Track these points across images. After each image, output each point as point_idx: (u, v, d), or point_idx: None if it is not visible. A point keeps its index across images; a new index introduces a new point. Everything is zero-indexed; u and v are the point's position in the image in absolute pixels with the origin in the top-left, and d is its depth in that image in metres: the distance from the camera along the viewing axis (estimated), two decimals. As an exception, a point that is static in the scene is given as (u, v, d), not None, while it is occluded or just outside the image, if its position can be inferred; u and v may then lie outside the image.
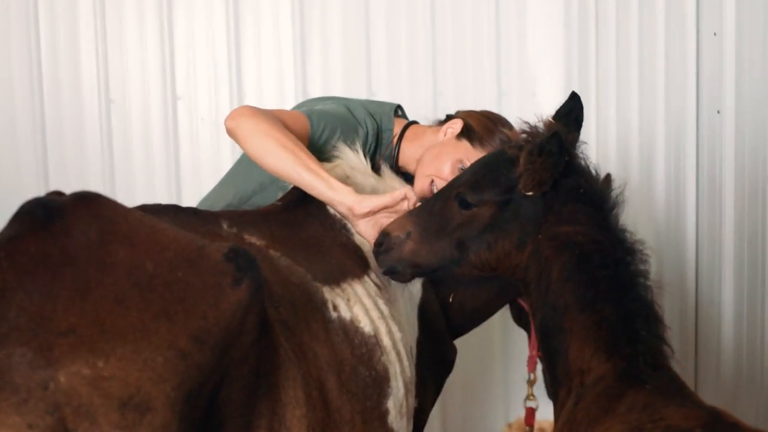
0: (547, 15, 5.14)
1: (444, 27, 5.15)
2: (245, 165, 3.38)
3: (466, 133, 3.20)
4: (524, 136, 2.63)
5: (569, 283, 2.49)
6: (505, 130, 3.18)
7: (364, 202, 2.72)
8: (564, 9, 5.08)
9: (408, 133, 3.33)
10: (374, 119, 3.27)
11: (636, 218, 3.06)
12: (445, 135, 3.24)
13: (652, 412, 2.15)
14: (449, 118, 3.33)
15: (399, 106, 3.45)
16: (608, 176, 2.69)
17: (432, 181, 3.15)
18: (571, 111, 2.74)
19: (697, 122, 4.02)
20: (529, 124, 2.63)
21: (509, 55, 5.18)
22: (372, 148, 3.24)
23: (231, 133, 2.82)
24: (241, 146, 2.83)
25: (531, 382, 3.57)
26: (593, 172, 2.62)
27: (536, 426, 5.29)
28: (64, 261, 1.74)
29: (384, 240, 2.74)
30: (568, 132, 2.63)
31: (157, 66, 5.09)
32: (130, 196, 5.02)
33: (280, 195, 3.04)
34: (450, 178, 3.06)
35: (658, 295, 2.54)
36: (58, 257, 1.74)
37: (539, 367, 3.61)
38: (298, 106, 3.30)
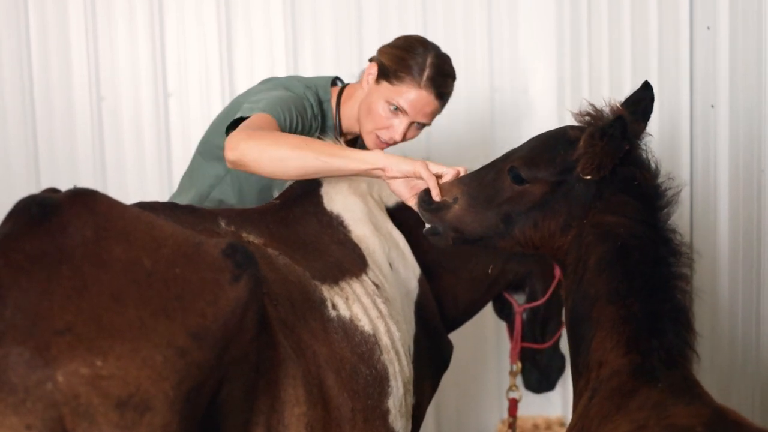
0: (539, 10, 5.14)
1: (435, 23, 5.15)
2: (197, 164, 3.37)
3: (382, 74, 3.19)
4: (588, 118, 2.56)
5: (605, 273, 2.45)
6: (421, 50, 3.18)
7: (394, 165, 2.69)
8: (556, 4, 5.08)
9: (343, 97, 3.33)
10: (313, 91, 3.27)
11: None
12: (367, 84, 3.23)
13: (660, 411, 2.12)
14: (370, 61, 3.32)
15: (337, 77, 3.45)
16: (667, 175, 2.61)
17: (377, 136, 3.18)
18: (641, 100, 2.69)
19: (690, 117, 4.00)
20: (594, 106, 2.56)
21: (501, 51, 5.18)
22: (319, 119, 3.25)
23: (238, 164, 2.73)
24: (256, 171, 2.75)
25: (514, 374, 3.59)
26: (653, 166, 2.57)
27: (530, 422, 5.33)
28: (61, 258, 1.72)
29: (430, 199, 2.73)
30: (635, 121, 2.57)
31: (148, 63, 5.07)
32: (121, 193, 4.98)
33: (276, 194, 3.03)
34: (386, 123, 3.14)
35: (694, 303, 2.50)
36: (54, 255, 1.72)
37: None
38: (236, 104, 3.26)
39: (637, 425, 2.11)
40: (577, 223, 2.54)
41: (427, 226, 2.76)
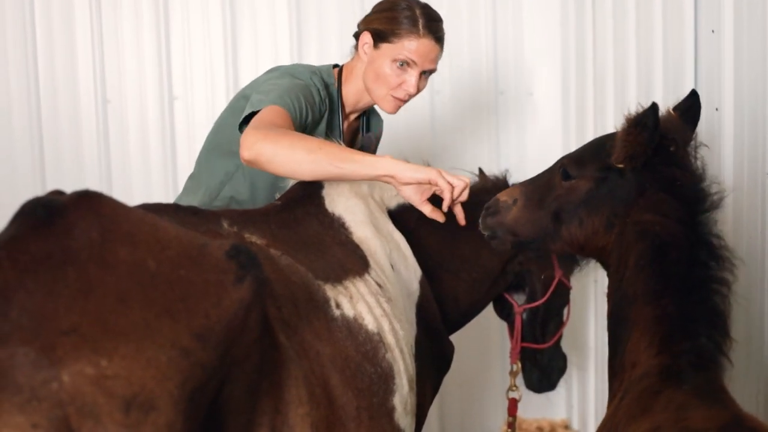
0: (544, 13, 5.14)
1: (440, 26, 5.15)
2: (205, 162, 3.39)
3: (379, 38, 3.25)
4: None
5: (643, 272, 2.45)
6: (405, 4, 3.23)
7: (407, 173, 2.74)
8: (561, 7, 5.09)
9: (343, 76, 3.41)
10: (318, 76, 3.33)
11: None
12: (365, 54, 3.29)
13: (680, 413, 2.11)
14: (356, 37, 3.38)
15: (337, 65, 3.50)
16: (712, 180, 2.61)
17: (393, 97, 3.27)
18: (690, 108, 2.71)
19: (695, 120, 4.01)
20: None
21: (506, 54, 5.19)
22: (327, 103, 3.30)
23: (253, 163, 2.78)
24: (270, 171, 2.81)
25: (513, 374, 3.61)
26: (698, 170, 2.58)
27: (534, 425, 5.33)
28: (66, 260, 1.73)
29: (492, 203, 2.81)
30: (683, 128, 2.61)
31: (153, 66, 5.09)
32: (127, 196, 4.97)
33: (278, 195, 3.05)
34: (398, 81, 3.22)
35: (734, 308, 2.45)
36: (59, 256, 1.73)
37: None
38: (241, 97, 3.31)
39: (654, 426, 2.11)
40: (619, 221, 2.55)
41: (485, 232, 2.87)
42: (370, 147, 3.52)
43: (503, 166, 3.75)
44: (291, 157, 2.73)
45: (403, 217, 3.15)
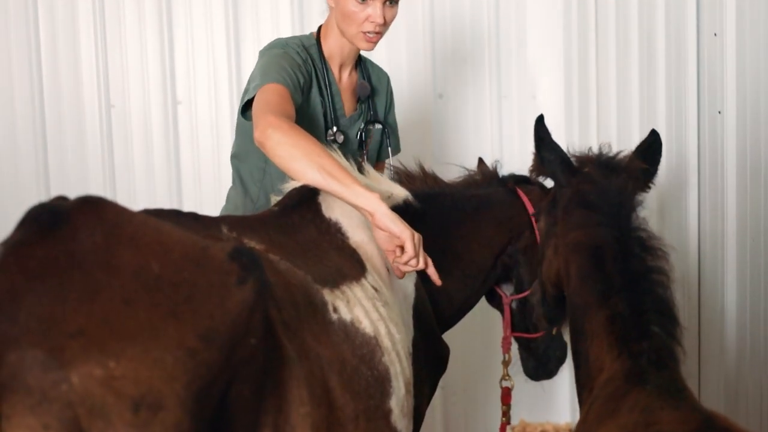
0: (546, 17, 5.14)
1: (444, 30, 5.17)
2: (237, 169, 3.48)
3: None
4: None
5: (587, 281, 2.57)
6: None
7: (384, 218, 2.74)
8: (563, 11, 5.09)
9: (322, 33, 3.51)
10: (295, 41, 3.43)
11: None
12: (332, 0, 3.39)
13: (648, 415, 2.17)
14: None
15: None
16: (623, 180, 2.77)
17: (364, 33, 3.33)
18: (650, 146, 2.89)
19: (698, 123, 4.03)
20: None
21: (509, 58, 5.19)
22: (311, 63, 3.39)
23: (259, 143, 2.89)
24: (270, 157, 2.90)
25: (506, 363, 3.60)
26: (602, 180, 2.75)
27: (539, 428, 5.33)
28: (72, 264, 1.75)
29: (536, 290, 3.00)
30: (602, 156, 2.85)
31: (157, 70, 5.09)
32: (131, 201, 5.04)
33: (275, 200, 3.07)
34: (363, 15, 3.29)
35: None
36: (65, 261, 1.75)
37: (515, 347, 3.65)
38: (249, 83, 3.35)
39: (622, 428, 2.15)
40: (561, 244, 2.72)
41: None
42: (364, 93, 3.57)
43: (506, 171, 3.75)
44: (290, 152, 2.80)
45: None
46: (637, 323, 2.42)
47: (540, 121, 2.98)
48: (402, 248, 2.75)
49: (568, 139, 5.03)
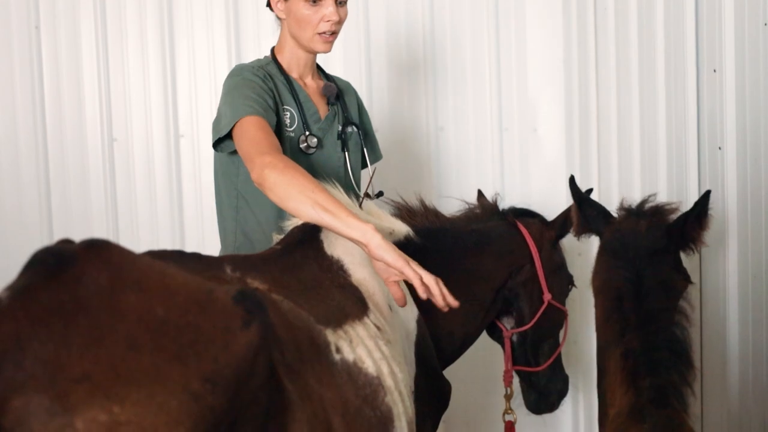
0: (547, 50, 5.17)
1: (444, 60, 5.19)
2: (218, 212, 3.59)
3: None
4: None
5: (608, 321, 2.65)
6: None
7: (378, 250, 2.73)
8: (563, 45, 5.12)
9: (276, 49, 3.57)
10: (249, 65, 3.47)
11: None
12: (282, 12, 3.45)
13: None
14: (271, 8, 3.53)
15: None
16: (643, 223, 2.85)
17: (320, 35, 3.38)
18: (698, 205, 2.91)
19: (698, 158, 4.04)
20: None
21: (510, 91, 5.21)
22: (271, 79, 3.42)
23: (257, 183, 2.94)
24: (268, 196, 2.93)
25: (508, 397, 3.61)
26: (627, 224, 2.86)
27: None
28: (77, 309, 1.76)
29: None
30: (631, 209, 2.96)
31: (159, 104, 5.12)
32: (133, 234, 5.06)
33: (277, 239, 3.08)
34: (317, 17, 3.35)
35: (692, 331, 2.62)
36: (70, 305, 1.76)
37: (516, 380, 3.66)
38: (221, 117, 3.37)
39: None
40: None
41: None
42: (331, 92, 3.59)
43: (507, 203, 3.77)
44: (286, 191, 2.83)
45: None
46: (647, 360, 2.45)
47: (573, 182, 3.09)
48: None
49: (569, 172, 5.06)
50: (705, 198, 2.82)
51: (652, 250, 2.70)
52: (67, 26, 5.13)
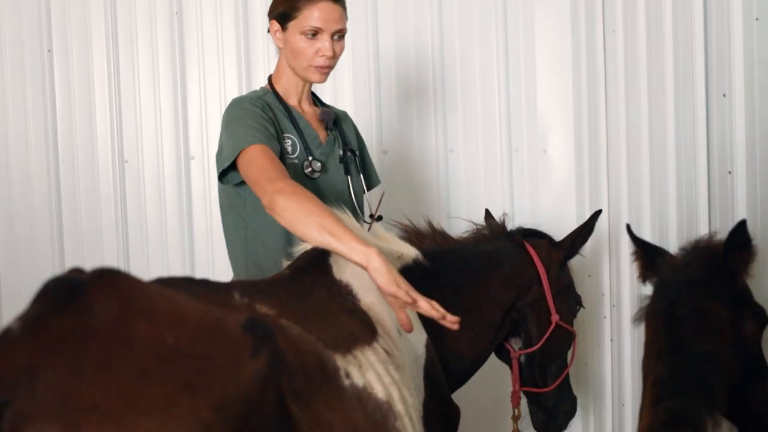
0: (556, 72, 5.18)
1: (453, 84, 5.21)
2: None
3: (284, 19, 3.44)
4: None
5: (648, 350, 2.71)
6: None
7: (373, 271, 2.72)
8: (572, 67, 5.13)
9: (273, 78, 3.61)
10: (247, 97, 3.50)
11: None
12: (279, 41, 3.49)
13: None
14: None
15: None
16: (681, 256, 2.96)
17: (315, 67, 3.44)
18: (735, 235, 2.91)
19: (708, 182, 4.03)
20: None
21: (519, 112, 5.23)
22: (269, 108, 3.44)
23: (268, 209, 2.97)
24: (279, 221, 2.95)
25: (515, 418, 3.61)
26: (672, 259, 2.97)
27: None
28: (87, 337, 1.77)
29: None
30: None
31: (170, 125, 5.16)
32: (143, 255, 5.08)
33: (286, 264, 3.09)
34: (313, 50, 3.39)
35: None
36: (81, 334, 1.77)
37: (524, 401, 3.65)
38: (223, 148, 3.39)
39: None
40: None
41: None
42: (329, 117, 3.64)
43: (516, 224, 3.77)
44: (294, 216, 2.87)
45: (406, 278, 3.17)
46: (670, 386, 2.46)
47: (630, 230, 3.14)
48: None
49: (579, 193, 5.08)
50: (741, 227, 2.82)
51: (687, 281, 2.74)
52: (80, 49, 5.17)
